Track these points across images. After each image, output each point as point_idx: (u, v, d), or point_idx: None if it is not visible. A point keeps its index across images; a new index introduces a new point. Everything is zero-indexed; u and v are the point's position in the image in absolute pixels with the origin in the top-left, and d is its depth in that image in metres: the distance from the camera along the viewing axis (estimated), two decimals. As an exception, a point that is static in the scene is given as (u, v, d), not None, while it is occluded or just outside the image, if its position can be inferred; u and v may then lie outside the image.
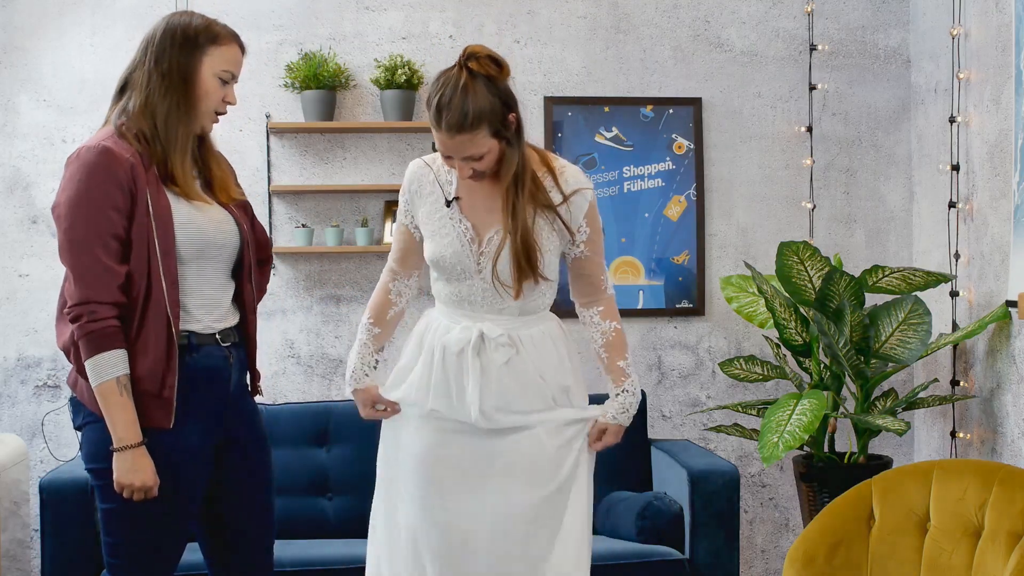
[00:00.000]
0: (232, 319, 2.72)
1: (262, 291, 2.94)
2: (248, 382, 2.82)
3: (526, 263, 2.73)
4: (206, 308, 2.65)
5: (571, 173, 2.82)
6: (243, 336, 2.77)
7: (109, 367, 2.51)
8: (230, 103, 2.68)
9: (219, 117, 2.69)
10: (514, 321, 2.80)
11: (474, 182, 2.76)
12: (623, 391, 2.89)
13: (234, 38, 2.69)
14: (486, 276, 2.76)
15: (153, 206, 2.56)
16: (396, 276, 2.96)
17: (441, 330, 2.83)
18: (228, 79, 2.67)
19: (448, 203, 2.79)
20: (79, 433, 2.69)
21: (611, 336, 2.89)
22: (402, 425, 2.88)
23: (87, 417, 2.62)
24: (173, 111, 2.60)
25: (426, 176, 2.84)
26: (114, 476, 2.53)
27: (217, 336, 2.67)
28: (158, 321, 2.55)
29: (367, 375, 2.92)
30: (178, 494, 2.59)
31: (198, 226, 2.62)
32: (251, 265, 2.77)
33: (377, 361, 2.95)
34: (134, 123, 2.61)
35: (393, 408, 2.88)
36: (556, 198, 2.77)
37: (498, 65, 2.65)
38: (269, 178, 4.72)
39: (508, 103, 2.66)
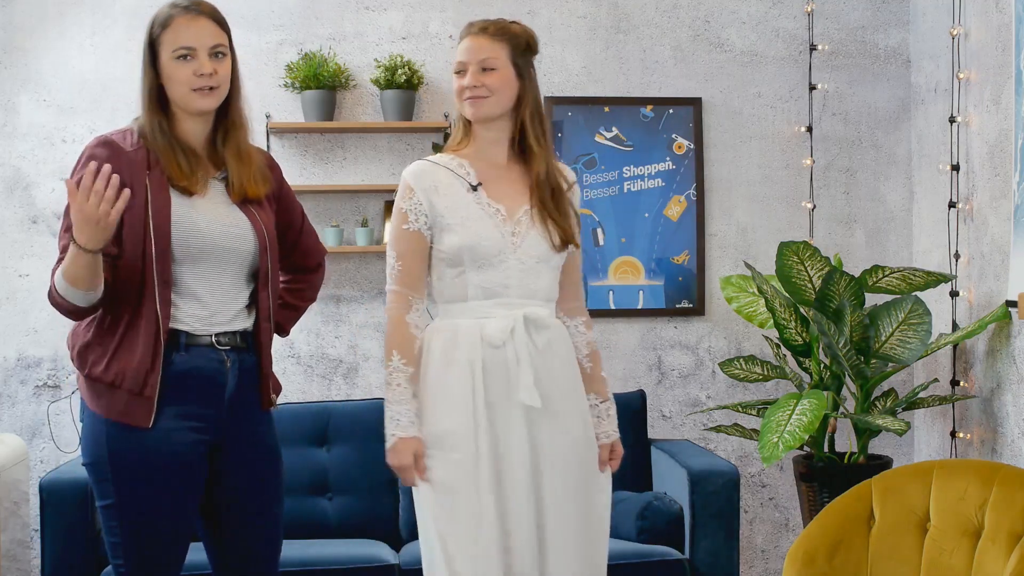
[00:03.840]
0: (239, 324, 2.68)
1: (306, 300, 2.96)
2: (260, 391, 2.75)
3: (554, 207, 2.78)
4: (202, 310, 2.63)
5: (567, 168, 2.93)
6: (256, 343, 2.73)
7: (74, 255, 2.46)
8: (203, 73, 2.58)
9: (211, 90, 2.59)
10: (545, 306, 2.80)
11: (479, 118, 2.78)
12: (611, 403, 2.91)
13: (185, 10, 2.60)
14: (521, 255, 2.75)
15: (152, 204, 2.56)
16: (410, 304, 2.76)
17: (473, 329, 2.73)
18: (186, 54, 2.58)
19: (474, 188, 2.77)
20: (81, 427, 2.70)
21: (594, 347, 2.91)
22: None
23: (84, 412, 2.64)
24: (152, 116, 2.62)
25: (437, 172, 2.80)
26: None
27: (213, 339, 2.64)
28: (148, 320, 2.55)
29: (412, 423, 2.69)
30: (166, 493, 2.57)
31: (197, 228, 2.60)
32: (268, 271, 2.71)
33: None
34: (140, 123, 2.66)
35: (423, 475, 2.70)
36: (563, 186, 2.88)
37: (534, 39, 2.87)
38: (269, 178, 4.72)
39: (530, 51, 2.83)
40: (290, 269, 2.97)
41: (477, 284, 2.74)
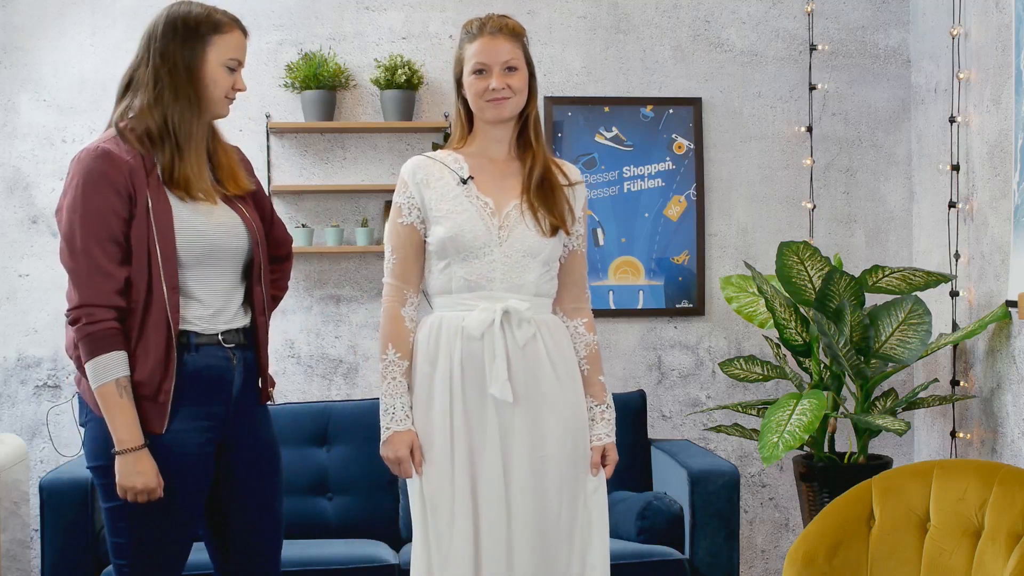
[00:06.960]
0: (240, 321, 2.69)
1: (281, 289, 2.94)
2: (260, 386, 2.77)
3: (545, 197, 2.77)
4: (208, 310, 2.63)
5: (572, 167, 2.93)
6: (253, 339, 2.74)
7: (108, 369, 2.50)
8: (240, 90, 2.67)
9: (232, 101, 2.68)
10: (532, 300, 2.77)
11: (493, 120, 2.79)
12: (607, 406, 2.84)
13: (236, 24, 2.66)
14: (507, 248, 2.74)
15: (153, 210, 2.54)
16: (404, 297, 2.79)
17: (455, 321, 2.74)
18: (235, 67, 2.65)
19: (464, 181, 2.78)
20: (83, 430, 2.69)
21: (593, 349, 2.86)
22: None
23: (89, 415, 2.62)
24: (185, 108, 2.60)
25: (431, 166, 2.83)
26: (116, 479, 2.53)
27: (220, 337, 2.64)
28: (158, 326, 2.54)
29: (407, 416, 2.74)
30: (177, 495, 2.58)
31: (200, 231, 2.60)
32: (262, 266, 2.73)
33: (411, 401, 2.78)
34: (140, 123, 2.60)
35: (419, 467, 2.74)
36: (563, 181, 2.86)
37: None
38: (269, 178, 4.72)
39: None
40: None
41: (461, 276, 2.76)
